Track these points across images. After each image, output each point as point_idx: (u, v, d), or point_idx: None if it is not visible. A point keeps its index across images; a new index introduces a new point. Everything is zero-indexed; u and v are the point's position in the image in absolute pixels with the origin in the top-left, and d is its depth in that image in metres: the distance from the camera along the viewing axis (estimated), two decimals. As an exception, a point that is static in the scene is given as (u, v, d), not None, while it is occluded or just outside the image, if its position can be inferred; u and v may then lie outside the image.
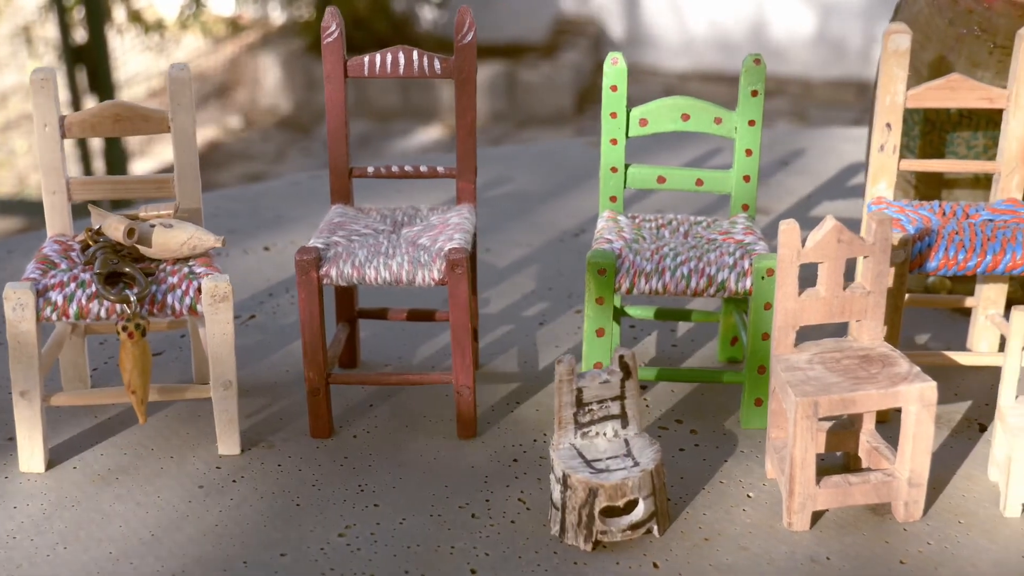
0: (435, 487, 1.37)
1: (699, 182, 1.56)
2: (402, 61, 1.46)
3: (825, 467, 1.40)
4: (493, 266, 1.93)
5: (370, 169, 1.52)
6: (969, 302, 1.63)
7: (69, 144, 5.14)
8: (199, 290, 1.35)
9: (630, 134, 1.54)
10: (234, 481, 1.38)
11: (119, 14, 6.06)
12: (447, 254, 1.37)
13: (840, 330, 1.64)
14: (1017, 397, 1.36)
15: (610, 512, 1.27)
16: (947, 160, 1.58)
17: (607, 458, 1.28)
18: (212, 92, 7.01)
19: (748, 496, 1.36)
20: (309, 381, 1.43)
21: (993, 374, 1.59)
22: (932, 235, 1.45)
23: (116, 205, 2.73)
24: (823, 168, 2.32)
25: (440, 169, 1.52)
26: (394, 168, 1.53)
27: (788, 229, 1.28)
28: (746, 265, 1.42)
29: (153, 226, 1.39)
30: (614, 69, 1.51)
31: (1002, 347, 1.53)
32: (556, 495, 1.28)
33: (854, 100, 5.45)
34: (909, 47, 1.50)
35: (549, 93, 6.33)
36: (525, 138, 5.60)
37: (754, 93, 1.50)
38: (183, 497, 1.35)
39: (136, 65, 6.56)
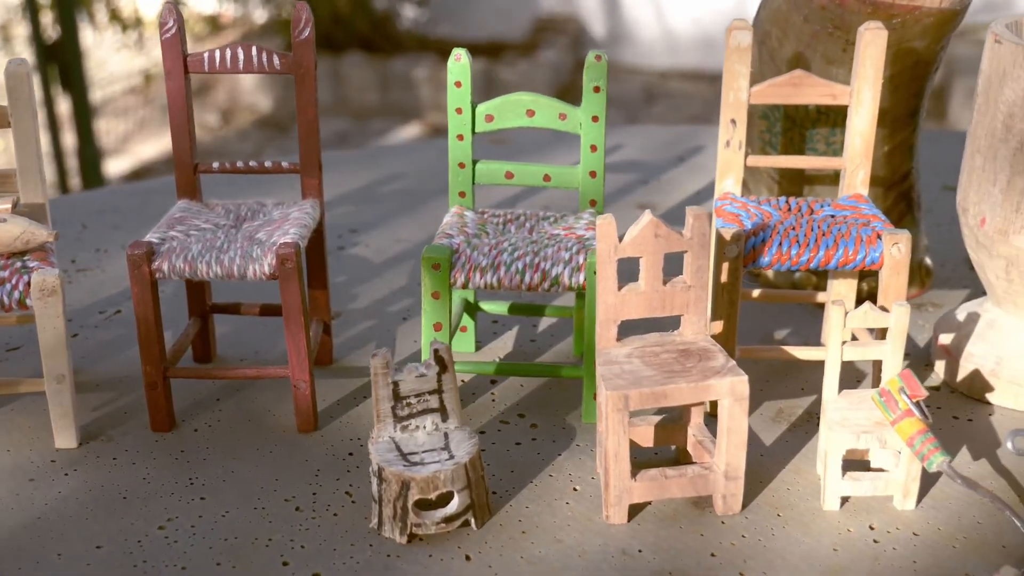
0: (265, 480, 1.38)
1: (547, 177, 1.56)
2: (241, 57, 1.47)
3: (657, 460, 1.41)
4: (369, 261, 1.94)
5: (215, 165, 1.53)
6: (821, 297, 1.64)
7: (44, 143, 5.16)
8: (29, 284, 1.36)
9: (476, 130, 1.54)
10: (66, 474, 1.39)
11: (100, 13, 6.07)
12: (277, 249, 1.38)
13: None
14: (840, 391, 1.37)
15: (427, 505, 1.28)
16: (793, 156, 1.59)
17: (423, 451, 1.29)
18: (192, 91, 7.03)
19: (574, 489, 1.36)
20: (146, 375, 1.43)
21: (842, 369, 1.59)
22: (767, 230, 1.45)
23: None
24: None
25: (284, 164, 1.53)
26: (239, 164, 1.53)
27: (605, 224, 1.29)
28: (580, 260, 1.43)
29: (-13, 221, 1.39)
30: (457, 65, 1.51)
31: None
32: (374, 488, 1.28)
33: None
34: (751, 43, 1.50)
35: (527, 91, 6.34)
36: (502, 136, 5.62)
37: (596, 89, 1.51)
38: (11, 490, 1.36)
39: (120, 63, 6.58)
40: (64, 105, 4.93)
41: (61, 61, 4.70)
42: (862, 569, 1.22)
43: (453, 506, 1.27)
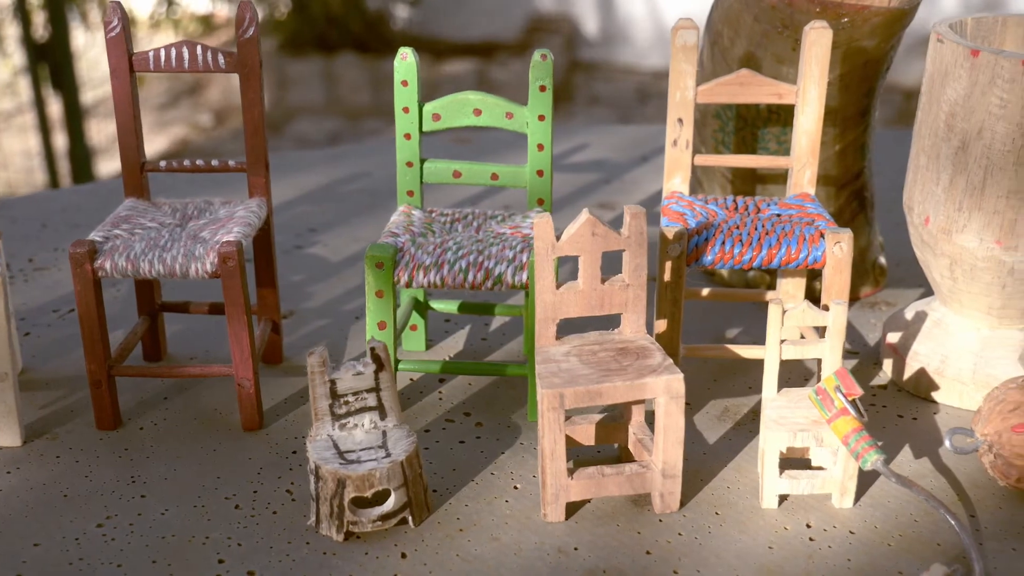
0: (207, 479, 1.38)
1: (494, 176, 1.57)
2: (186, 56, 1.47)
3: (600, 458, 1.41)
4: (325, 260, 1.94)
5: (162, 164, 1.53)
6: (770, 296, 1.64)
7: (35, 143, 5.17)
8: (-30, 283, 1.36)
9: (424, 129, 1.55)
10: (8, 472, 1.39)
11: (92, 13, 6.08)
12: (219, 247, 1.38)
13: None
14: (780, 390, 1.37)
15: (364, 503, 1.29)
16: (739, 155, 1.59)
17: (361, 449, 1.29)
18: (184, 90, 7.03)
19: (515, 488, 1.36)
20: (90, 373, 1.44)
21: (787, 368, 1.60)
22: (711, 229, 1.46)
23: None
24: (682, 164, 2.33)
25: (231, 163, 1.53)
26: (186, 163, 1.53)
27: (541, 222, 1.29)
28: (524, 259, 1.43)
29: (-69, 219, 1.40)
30: (403, 64, 1.52)
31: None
32: (311, 486, 1.29)
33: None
34: (696, 42, 1.51)
35: (519, 91, 6.35)
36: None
37: (542, 88, 1.51)
38: (-47, 488, 1.36)
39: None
40: (55, 105, 4.94)
41: (52, 61, 4.70)
42: (796, 567, 1.23)
43: (389, 504, 1.28)
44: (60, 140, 5.04)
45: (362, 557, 1.25)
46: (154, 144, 6.09)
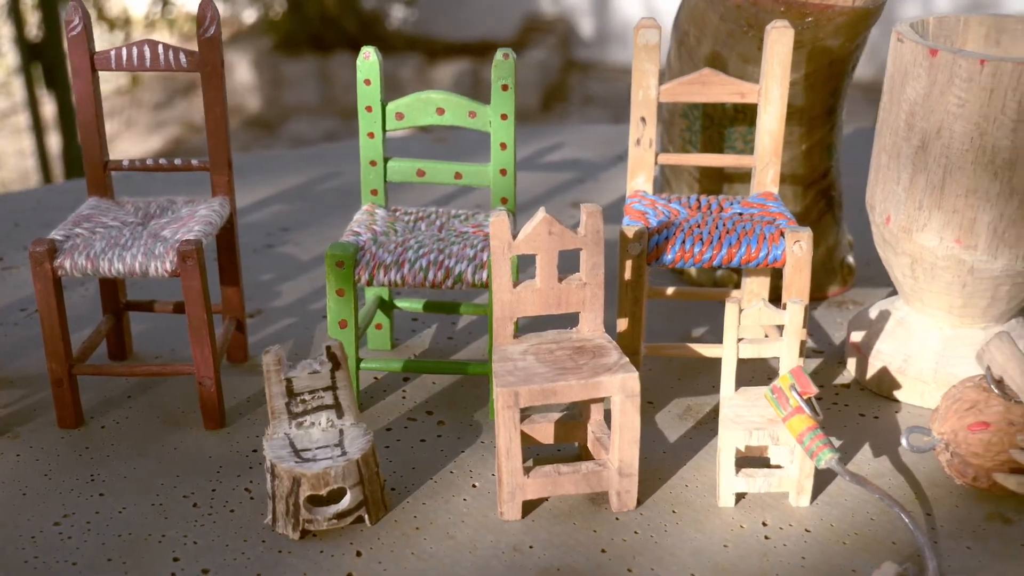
0: (166, 477, 1.38)
1: (458, 175, 1.57)
2: (148, 55, 1.47)
3: (560, 457, 1.42)
4: (296, 259, 1.95)
5: (125, 162, 1.53)
6: (735, 295, 1.64)
7: (29, 144, 5.16)
8: (-71, 281, 1.37)
9: (387, 128, 1.55)
10: (-32, 471, 1.39)
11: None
12: (179, 246, 1.38)
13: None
14: (739, 388, 1.37)
15: (320, 501, 1.29)
16: (703, 154, 1.59)
17: (317, 448, 1.29)
18: (179, 90, 7.03)
19: (473, 486, 1.37)
20: (52, 372, 1.44)
21: (753, 366, 1.60)
22: (672, 228, 1.46)
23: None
24: (657, 163, 2.34)
25: (194, 162, 1.53)
26: (149, 162, 1.54)
27: (498, 221, 1.29)
28: (484, 257, 1.43)
29: None
30: (366, 63, 1.52)
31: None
32: (268, 485, 1.29)
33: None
34: (658, 42, 1.51)
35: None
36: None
37: (504, 87, 1.51)
38: (-89, 487, 1.36)
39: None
40: (49, 105, 4.94)
41: (45, 61, 4.70)
42: (750, 565, 1.23)
43: (345, 502, 1.28)
44: (54, 140, 5.04)
45: (317, 555, 1.25)
46: (149, 144, 6.08)
